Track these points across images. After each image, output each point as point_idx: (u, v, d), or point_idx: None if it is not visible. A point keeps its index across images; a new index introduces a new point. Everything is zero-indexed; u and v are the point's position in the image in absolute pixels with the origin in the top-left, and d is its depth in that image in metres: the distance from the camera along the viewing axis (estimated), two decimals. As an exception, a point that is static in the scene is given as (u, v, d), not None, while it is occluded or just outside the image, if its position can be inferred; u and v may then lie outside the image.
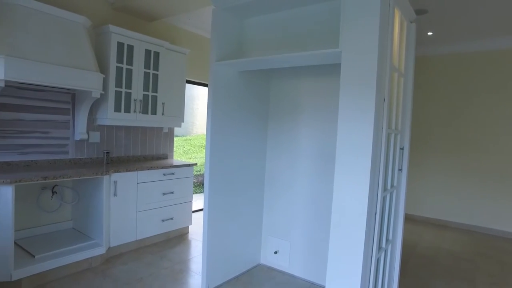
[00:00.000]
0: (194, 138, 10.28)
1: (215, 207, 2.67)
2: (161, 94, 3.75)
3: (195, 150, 9.57)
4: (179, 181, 3.73)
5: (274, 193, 3.12)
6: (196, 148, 9.75)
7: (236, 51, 2.75)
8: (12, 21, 2.61)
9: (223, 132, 2.66)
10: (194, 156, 9.18)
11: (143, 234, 3.41)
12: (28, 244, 2.88)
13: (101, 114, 3.37)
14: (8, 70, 2.48)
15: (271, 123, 3.12)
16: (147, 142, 4.07)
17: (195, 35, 4.60)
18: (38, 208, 3.10)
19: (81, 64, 2.94)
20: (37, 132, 3.09)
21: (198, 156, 9.17)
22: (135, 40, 3.45)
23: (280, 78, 3.05)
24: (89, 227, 3.16)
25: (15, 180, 2.40)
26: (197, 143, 9.99)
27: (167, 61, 3.82)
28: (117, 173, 3.11)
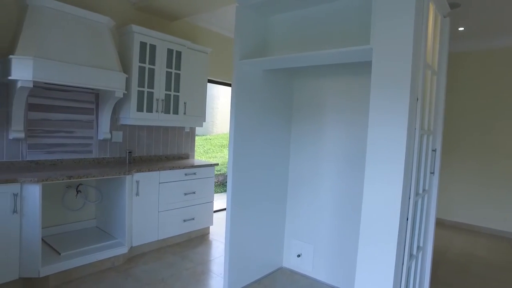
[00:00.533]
0: (214, 138, 10.31)
1: (238, 209, 2.62)
2: (183, 93, 3.73)
3: (215, 149, 9.59)
4: (201, 181, 3.71)
5: (297, 195, 3.04)
6: (216, 147, 9.77)
7: (259, 50, 2.69)
8: (39, 23, 2.65)
9: (247, 132, 2.61)
10: (214, 156, 9.20)
11: (164, 234, 3.41)
12: (54, 241, 2.93)
13: (123, 114, 3.38)
14: (36, 71, 2.52)
15: (295, 123, 3.04)
16: (169, 141, 4.07)
17: (216, 34, 4.57)
18: (63, 206, 3.15)
19: (105, 64, 2.96)
20: (62, 132, 3.14)
21: (218, 156, 9.18)
22: (158, 40, 3.45)
23: (303, 78, 2.97)
24: (112, 226, 3.18)
25: (42, 179, 2.44)
26: (217, 143, 10.01)
27: (189, 61, 3.80)
28: (140, 173, 3.11)
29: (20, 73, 2.50)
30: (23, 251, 2.44)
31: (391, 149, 1.68)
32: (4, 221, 2.34)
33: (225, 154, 9.30)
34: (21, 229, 2.43)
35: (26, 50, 2.56)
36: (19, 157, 2.89)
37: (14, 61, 2.50)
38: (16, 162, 2.87)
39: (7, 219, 2.36)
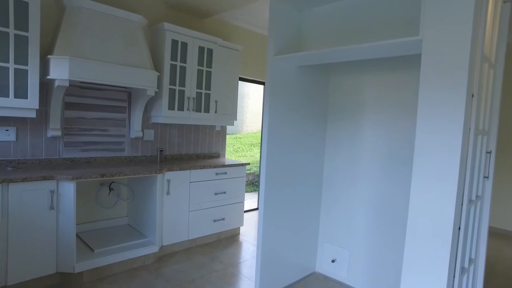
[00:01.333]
0: (244, 136, 10.27)
1: (271, 211, 2.52)
2: (214, 91, 3.68)
3: (245, 148, 9.54)
4: (231, 181, 3.64)
5: (332, 197, 2.90)
6: (246, 146, 9.72)
7: (294, 45, 2.57)
8: (76, 24, 2.68)
9: (280, 131, 2.50)
10: (244, 155, 9.16)
11: (194, 234, 3.37)
12: (88, 238, 2.97)
13: (155, 112, 3.38)
14: (72, 71, 2.55)
15: (330, 121, 2.89)
16: (200, 140, 4.04)
17: (248, 32, 4.48)
18: (96, 203, 3.19)
19: (138, 62, 2.95)
20: (96, 130, 3.17)
21: (248, 155, 9.12)
22: (189, 37, 3.41)
23: (340, 73, 2.81)
24: (143, 225, 3.19)
25: (76, 177, 2.46)
26: (247, 142, 9.96)
27: (220, 58, 3.75)
28: (170, 172, 3.09)
29: (57, 72, 2.54)
30: (59, 246, 2.48)
31: (444, 151, 1.51)
32: (43, 217, 2.39)
33: (255, 153, 9.21)
34: (57, 225, 2.47)
35: (63, 50, 2.59)
36: (56, 154, 2.95)
37: (52, 61, 2.54)
38: (53, 159, 2.93)
39: (45, 215, 2.40)
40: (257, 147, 9.85)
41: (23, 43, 2.44)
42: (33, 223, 2.35)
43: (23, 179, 2.27)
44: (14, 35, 2.40)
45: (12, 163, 2.72)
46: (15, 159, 2.74)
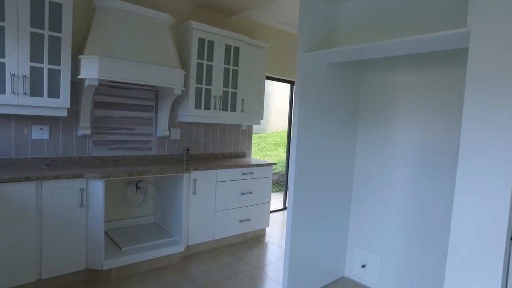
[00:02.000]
0: (268, 136, 10.20)
1: (300, 213, 2.44)
2: (240, 90, 3.64)
3: (269, 147, 9.47)
4: (258, 181, 3.59)
5: (363, 200, 2.78)
6: (270, 145, 9.65)
7: (324, 41, 2.47)
8: (106, 23, 2.70)
9: (310, 131, 2.41)
10: (268, 154, 9.09)
11: (220, 234, 3.34)
12: (116, 235, 3.00)
13: (181, 111, 3.37)
14: (101, 70, 2.57)
15: (361, 121, 2.77)
16: (226, 139, 4.01)
17: (274, 29, 4.41)
18: (124, 201, 3.22)
19: (165, 61, 2.95)
20: (124, 129, 3.20)
21: (272, 154, 9.05)
22: (216, 36, 3.38)
23: (372, 71, 2.69)
24: (169, 224, 3.19)
25: (105, 175, 2.48)
26: (272, 141, 9.89)
27: (246, 56, 3.70)
28: (197, 171, 3.07)
29: (88, 72, 2.57)
30: (89, 243, 2.51)
31: (495, 154, 1.38)
32: (73, 214, 2.42)
33: (280, 153, 9.12)
34: (87, 222, 2.50)
35: (93, 50, 2.62)
36: (86, 153, 3.00)
37: (83, 61, 2.58)
38: (83, 157, 2.98)
39: (75, 212, 2.43)
40: (281, 146, 9.75)
41: (56, 44, 2.49)
42: (64, 219, 2.39)
43: (55, 177, 2.31)
44: (49, 36, 2.45)
45: (45, 160, 2.79)
46: (48, 157, 2.80)
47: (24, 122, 2.69)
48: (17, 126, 2.67)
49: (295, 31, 4.58)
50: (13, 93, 2.34)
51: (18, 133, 2.67)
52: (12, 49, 2.32)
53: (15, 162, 2.66)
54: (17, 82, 2.35)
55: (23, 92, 2.38)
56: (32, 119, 2.72)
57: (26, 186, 2.22)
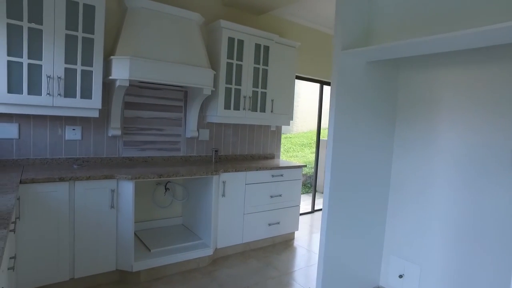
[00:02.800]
0: (294, 136, 10.06)
1: (334, 219, 2.33)
2: (270, 90, 3.55)
3: (295, 148, 9.34)
4: (288, 183, 3.49)
5: (401, 205, 2.61)
6: (296, 146, 9.51)
7: (362, 38, 2.34)
8: (137, 24, 2.70)
9: (346, 133, 2.29)
10: (295, 155, 8.96)
11: (249, 237, 3.27)
12: (145, 237, 2.99)
13: (211, 112, 3.33)
14: (132, 70, 2.56)
15: (400, 123, 2.61)
16: (254, 140, 3.94)
17: (304, 28, 4.29)
18: (153, 202, 3.22)
19: (195, 61, 2.91)
20: (153, 129, 3.20)
21: (299, 155, 8.91)
22: (245, 35, 3.31)
23: (412, 69, 2.52)
24: (197, 226, 3.15)
25: (135, 177, 2.46)
26: (297, 141, 9.74)
27: (276, 56, 3.60)
28: (226, 173, 3.01)
29: (118, 72, 2.57)
30: (119, 244, 2.51)
31: None
32: (104, 215, 2.43)
33: (306, 154, 8.97)
34: (117, 224, 2.49)
35: (124, 50, 2.62)
36: (116, 153, 3.01)
37: (114, 61, 2.58)
38: (113, 158, 2.99)
39: (106, 214, 2.43)
40: (307, 147, 9.59)
41: (89, 45, 2.50)
42: (95, 220, 2.40)
43: (87, 177, 2.32)
44: (82, 38, 2.46)
45: (77, 161, 2.82)
46: (80, 157, 2.83)
47: (58, 123, 2.73)
48: (52, 126, 2.71)
49: (325, 29, 4.44)
50: (48, 94, 2.37)
51: (53, 133, 2.71)
52: (48, 51, 2.35)
53: (50, 162, 2.71)
54: (52, 84, 2.38)
55: (58, 93, 2.40)
56: (66, 120, 2.75)
57: (60, 186, 2.24)
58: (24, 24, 2.25)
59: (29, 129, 2.62)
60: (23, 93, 2.29)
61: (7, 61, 2.22)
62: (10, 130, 2.55)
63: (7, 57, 2.22)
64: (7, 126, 2.53)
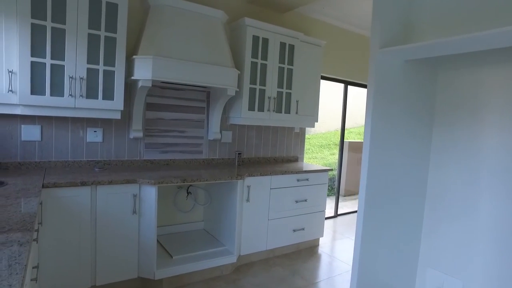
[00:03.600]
0: (313, 137, 9.86)
1: (369, 229, 2.17)
2: (295, 91, 3.41)
3: (314, 149, 9.15)
4: (313, 187, 3.34)
5: (439, 213, 2.43)
6: (315, 147, 9.31)
7: (400, 36, 2.17)
8: (160, 22, 2.61)
9: (383, 137, 2.13)
10: (314, 156, 8.77)
11: (273, 244, 3.14)
12: (166, 242, 2.90)
13: (234, 113, 3.21)
14: (155, 70, 2.47)
15: (438, 126, 2.42)
16: (278, 143, 3.80)
17: (330, 26, 4.13)
18: (174, 207, 3.12)
19: (219, 60, 2.80)
20: (175, 131, 3.10)
21: (318, 157, 8.72)
22: (270, 33, 3.18)
23: (453, 68, 2.33)
24: (220, 232, 3.04)
25: (158, 181, 2.36)
26: (317, 143, 9.54)
27: (301, 55, 3.46)
28: (251, 177, 2.88)
29: (141, 72, 2.48)
30: (141, 251, 2.42)
31: None
32: (126, 221, 2.34)
33: (326, 155, 8.77)
34: (139, 230, 2.40)
35: (147, 49, 2.53)
36: (137, 156, 2.93)
37: (137, 61, 2.49)
38: (135, 161, 2.91)
39: (128, 219, 2.35)
40: (327, 148, 9.38)
41: (111, 44, 2.42)
42: (117, 226, 2.31)
43: (109, 182, 2.24)
44: (104, 37, 2.39)
45: (99, 163, 2.75)
46: (101, 160, 2.76)
47: (80, 125, 2.66)
48: (74, 128, 2.64)
49: (352, 27, 4.27)
50: (70, 95, 2.30)
51: (74, 135, 2.65)
52: (71, 51, 2.28)
53: (71, 165, 2.64)
54: (74, 85, 2.31)
55: (80, 95, 2.33)
56: (87, 122, 2.69)
57: (82, 191, 2.16)
58: (47, 24, 2.19)
59: (51, 131, 2.56)
60: (45, 94, 2.23)
61: (31, 62, 2.16)
62: (33, 132, 2.49)
63: (30, 58, 2.16)
64: (30, 128, 2.48)
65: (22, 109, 2.19)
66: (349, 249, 3.57)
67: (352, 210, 5.12)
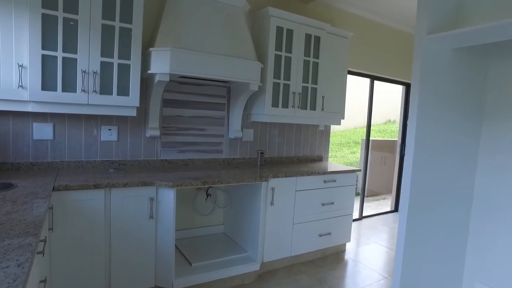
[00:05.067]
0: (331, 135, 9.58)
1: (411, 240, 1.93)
2: (321, 86, 3.17)
3: (333, 148, 8.87)
4: (341, 189, 3.10)
5: (489, 223, 2.16)
6: (334, 146, 9.03)
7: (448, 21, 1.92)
8: (178, 12, 2.42)
9: (429, 135, 1.89)
10: (333, 155, 8.49)
11: (298, 250, 2.92)
12: (184, 247, 2.73)
13: (256, 110, 3.00)
14: (173, 63, 2.28)
15: (488, 125, 2.15)
16: (302, 141, 3.58)
17: (354, 17, 3.86)
18: (193, 209, 2.95)
19: (241, 53, 2.59)
20: (194, 129, 2.92)
21: (338, 155, 8.44)
22: (295, 24, 2.95)
23: (505, 59, 2.06)
24: (241, 236, 2.84)
25: (177, 184, 2.18)
26: (335, 141, 9.26)
27: (327, 47, 3.22)
28: (276, 179, 2.67)
29: (158, 66, 2.30)
30: (158, 258, 2.24)
31: None
32: (142, 226, 2.17)
33: (345, 154, 8.48)
34: (156, 236, 2.23)
35: (164, 41, 2.35)
36: (154, 155, 2.76)
37: (153, 53, 2.31)
38: (151, 161, 2.74)
39: (144, 224, 2.18)
40: (346, 146, 9.08)
41: (126, 36, 2.25)
42: (133, 231, 2.14)
43: (124, 184, 2.07)
44: (119, 28, 2.22)
45: (113, 164, 2.59)
46: (116, 160, 2.60)
47: (93, 123, 2.51)
48: (87, 126, 2.49)
49: (379, 19, 4.00)
50: (83, 91, 2.14)
51: (88, 134, 2.50)
52: (83, 43, 2.11)
53: (85, 166, 2.49)
54: (87, 80, 2.15)
55: (93, 90, 2.17)
56: (101, 119, 2.53)
57: (95, 194, 2.00)
58: (59, 14, 2.03)
59: (64, 130, 2.41)
60: (57, 90, 2.07)
61: (42, 55, 2.01)
62: (45, 130, 2.35)
63: (41, 51, 2.00)
64: (42, 126, 2.34)
65: (33, 106, 2.04)
66: (378, 256, 3.32)
67: (377, 212, 4.85)
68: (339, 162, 7.81)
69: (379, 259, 3.25)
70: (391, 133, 10.01)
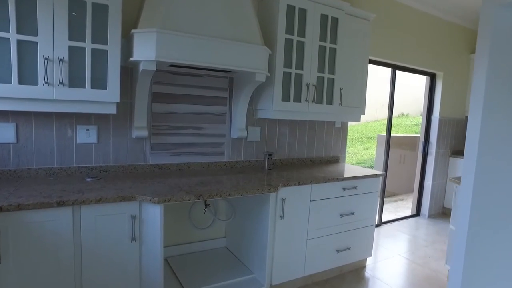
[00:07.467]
0: (343, 130, 9.10)
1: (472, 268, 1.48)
2: (338, 76, 2.70)
3: (345, 144, 8.39)
4: (362, 197, 2.65)
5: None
6: (345, 141, 8.54)
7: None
8: (165, -15, 1.96)
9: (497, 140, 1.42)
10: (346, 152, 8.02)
11: (312, 269, 2.49)
12: (179, 267, 2.32)
13: (263, 105, 2.55)
14: (160, 48, 1.83)
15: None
16: (315, 140, 3.12)
17: (376, -5, 3.37)
18: (189, 223, 2.53)
19: (245, 36, 2.13)
20: (190, 128, 2.49)
21: (350, 151, 7.95)
22: (309, 2, 2.48)
23: None
24: (246, 253, 2.42)
25: (164, 199, 1.75)
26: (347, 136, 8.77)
27: (346, 31, 2.74)
28: (287, 188, 2.23)
29: (142, 52, 1.86)
30: None
31: None
32: (122, 252, 1.75)
33: (358, 150, 7.99)
34: (140, 262, 1.81)
35: (149, 21, 1.90)
36: (143, 160, 2.34)
37: (136, 37, 1.87)
38: (139, 166, 2.32)
39: (125, 250, 1.76)
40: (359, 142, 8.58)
41: (102, 14, 1.81)
42: (111, 258, 1.72)
43: (97, 201, 1.64)
44: (92, 4, 1.77)
45: (93, 171, 2.17)
46: (97, 166, 2.18)
47: (67, 122, 2.08)
48: (60, 126, 2.07)
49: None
50: (46, 83, 1.71)
51: (61, 136, 2.07)
52: (45, 23, 1.68)
53: (58, 173, 2.08)
54: (52, 69, 1.72)
55: (60, 82, 1.74)
56: (77, 118, 2.11)
57: (59, 213, 1.58)
58: (11, -15, 1.59)
59: (30, 131, 1.99)
60: (12, 82, 1.65)
61: (-11, 38, 1.58)
62: (5, 132, 1.93)
63: (-12, 32, 1.58)
64: (1, 127, 1.92)
65: (-18, 102, 1.62)
66: (402, 272, 2.88)
67: (397, 217, 4.39)
68: (352, 160, 7.33)
69: (404, 276, 2.81)
70: (405, 128, 9.48)
